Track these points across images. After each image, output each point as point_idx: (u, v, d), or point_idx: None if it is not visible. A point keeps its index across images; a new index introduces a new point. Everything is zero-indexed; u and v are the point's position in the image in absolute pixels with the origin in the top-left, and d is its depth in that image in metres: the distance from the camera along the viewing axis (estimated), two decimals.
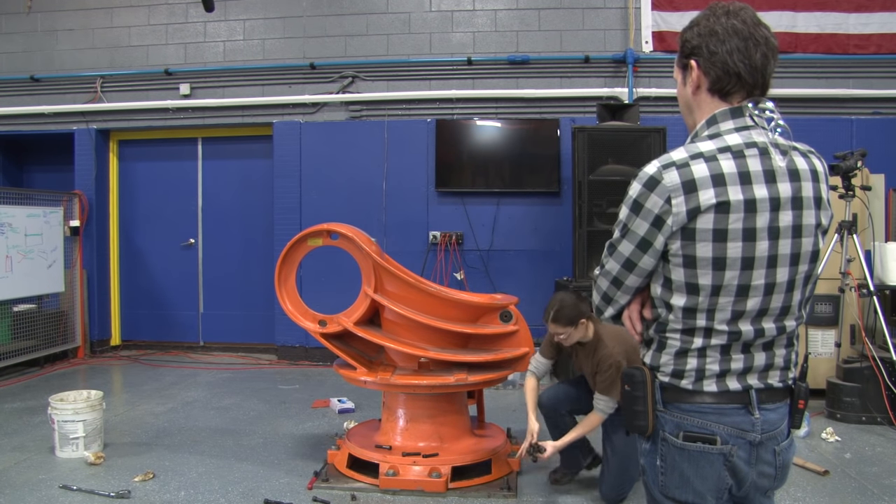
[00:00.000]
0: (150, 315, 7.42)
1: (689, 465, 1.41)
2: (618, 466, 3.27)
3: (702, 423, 1.39)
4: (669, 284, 1.39)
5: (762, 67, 1.37)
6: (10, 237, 5.95)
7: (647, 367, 1.46)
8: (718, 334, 1.38)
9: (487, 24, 6.66)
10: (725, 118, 1.40)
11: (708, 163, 1.33)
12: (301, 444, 4.19)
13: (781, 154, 1.38)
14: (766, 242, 1.35)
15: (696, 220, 1.33)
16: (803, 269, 1.41)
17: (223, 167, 7.35)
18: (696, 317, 1.38)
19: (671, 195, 1.33)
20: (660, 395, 1.43)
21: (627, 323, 1.51)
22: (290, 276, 3.90)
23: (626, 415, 1.48)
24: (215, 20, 6.88)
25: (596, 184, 5.61)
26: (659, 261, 1.40)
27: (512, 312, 3.78)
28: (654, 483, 1.47)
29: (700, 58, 1.40)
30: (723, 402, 1.39)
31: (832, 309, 4.99)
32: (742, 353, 1.40)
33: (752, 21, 1.37)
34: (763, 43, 1.37)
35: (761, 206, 1.33)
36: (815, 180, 1.41)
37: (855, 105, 6.38)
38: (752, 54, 1.36)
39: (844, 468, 3.73)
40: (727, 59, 1.37)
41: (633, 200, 1.39)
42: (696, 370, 1.40)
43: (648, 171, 1.37)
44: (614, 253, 1.45)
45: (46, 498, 3.33)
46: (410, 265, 5.52)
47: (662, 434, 1.43)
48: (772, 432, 1.43)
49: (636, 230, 1.38)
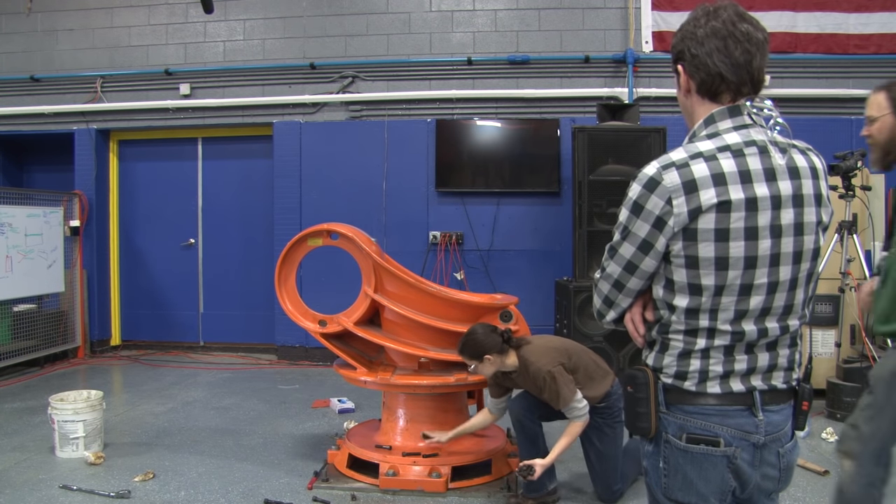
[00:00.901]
0: (150, 315, 7.42)
1: (693, 467, 1.40)
2: (601, 468, 3.26)
3: (705, 425, 1.38)
4: (672, 286, 1.38)
5: (745, 64, 1.36)
6: (10, 237, 5.95)
7: (649, 369, 1.44)
8: (722, 335, 1.37)
9: (487, 24, 6.66)
10: (724, 117, 1.39)
11: (708, 162, 1.33)
12: (301, 444, 4.19)
13: (781, 152, 1.38)
14: (769, 241, 1.34)
15: (698, 220, 1.32)
16: (805, 267, 1.40)
17: (223, 167, 7.35)
18: (699, 317, 1.37)
19: (672, 196, 1.32)
20: (663, 396, 1.42)
21: (630, 326, 1.49)
22: (290, 276, 3.90)
23: (629, 417, 1.46)
24: (215, 20, 6.88)
25: (596, 184, 5.60)
26: (660, 262, 1.38)
27: (512, 312, 3.78)
28: (657, 485, 1.45)
29: (685, 62, 1.41)
30: (726, 404, 1.38)
31: (832, 309, 4.99)
32: (745, 353, 1.39)
33: (731, 19, 1.36)
34: (744, 40, 1.35)
35: (762, 205, 1.33)
36: (814, 177, 1.41)
37: (855, 105, 6.37)
38: (732, 52, 1.35)
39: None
40: (707, 60, 1.37)
41: (632, 202, 1.37)
42: (700, 371, 1.38)
43: (648, 172, 1.36)
44: (615, 256, 1.43)
45: (46, 498, 3.33)
46: (410, 265, 5.52)
47: (665, 436, 1.42)
48: (775, 434, 1.42)
49: (637, 232, 1.37)
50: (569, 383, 3.11)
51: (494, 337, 3.22)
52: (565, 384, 3.09)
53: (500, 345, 3.21)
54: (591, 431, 3.24)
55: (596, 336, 5.49)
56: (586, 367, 3.23)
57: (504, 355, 3.22)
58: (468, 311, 3.82)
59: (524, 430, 3.31)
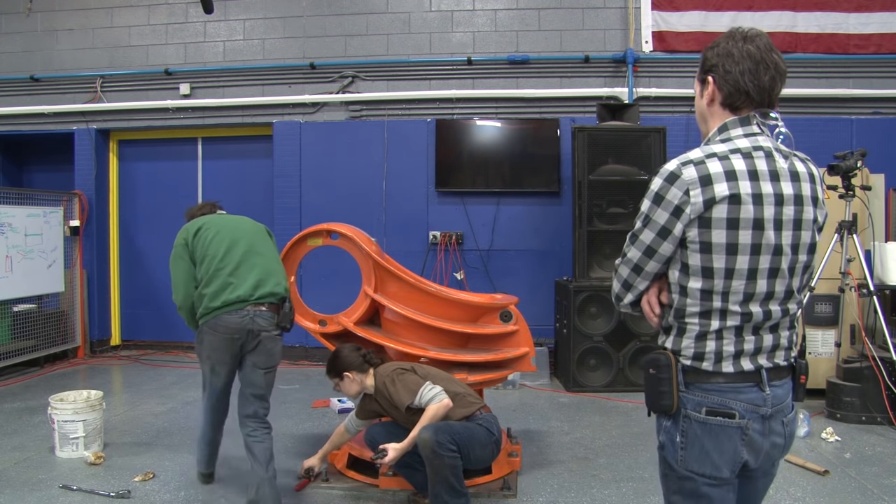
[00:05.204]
0: (150, 315, 7.42)
1: (710, 438, 1.55)
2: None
3: (721, 401, 1.55)
4: (687, 269, 1.56)
5: (769, 88, 1.57)
6: (10, 237, 5.95)
7: (669, 352, 1.60)
8: (733, 315, 1.54)
9: (487, 23, 6.66)
10: (735, 126, 1.58)
11: (721, 161, 1.52)
12: (301, 444, 4.19)
13: (783, 158, 1.57)
14: (772, 232, 1.52)
15: (712, 209, 1.50)
16: (802, 259, 1.59)
17: (223, 167, 7.35)
18: (713, 298, 1.54)
19: (689, 188, 1.50)
20: (682, 377, 1.58)
21: (646, 308, 1.66)
22: (290, 275, 3.89)
23: (651, 396, 1.60)
24: (215, 20, 6.88)
25: (596, 184, 5.61)
26: (677, 247, 1.56)
27: (512, 312, 3.78)
28: (673, 458, 1.60)
29: (716, 75, 1.59)
30: (738, 382, 1.55)
31: (832, 309, 4.99)
32: (752, 334, 1.56)
33: (765, 47, 1.56)
34: (773, 67, 1.56)
35: (767, 200, 1.52)
36: (812, 182, 1.60)
37: (855, 105, 6.38)
38: (761, 76, 1.55)
39: (844, 468, 3.73)
40: (739, 78, 1.56)
41: (654, 193, 1.55)
42: (715, 352, 1.55)
43: (669, 167, 1.54)
44: (636, 241, 1.60)
45: (46, 498, 3.34)
46: (410, 265, 5.53)
47: (685, 412, 1.57)
48: (780, 406, 1.60)
49: (657, 219, 1.55)
50: (411, 381, 3.13)
51: (356, 356, 3.31)
52: (408, 381, 3.13)
53: (360, 363, 3.28)
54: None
55: (596, 336, 5.50)
56: (444, 387, 3.17)
57: (364, 374, 3.29)
58: (468, 311, 3.82)
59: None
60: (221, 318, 3.04)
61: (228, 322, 3.04)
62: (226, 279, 3.08)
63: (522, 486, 3.51)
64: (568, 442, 4.25)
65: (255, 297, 3.09)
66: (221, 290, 3.06)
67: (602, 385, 5.50)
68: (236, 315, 3.05)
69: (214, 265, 3.11)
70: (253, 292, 3.09)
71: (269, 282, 3.15)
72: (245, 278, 3.10)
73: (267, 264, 3.21)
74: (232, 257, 3.13)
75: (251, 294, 3.08)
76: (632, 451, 4.05)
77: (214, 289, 3.07)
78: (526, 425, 4.59)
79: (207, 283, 3.10)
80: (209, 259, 3.13)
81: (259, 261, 3.19)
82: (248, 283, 3.10)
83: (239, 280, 3.09)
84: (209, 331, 3.08)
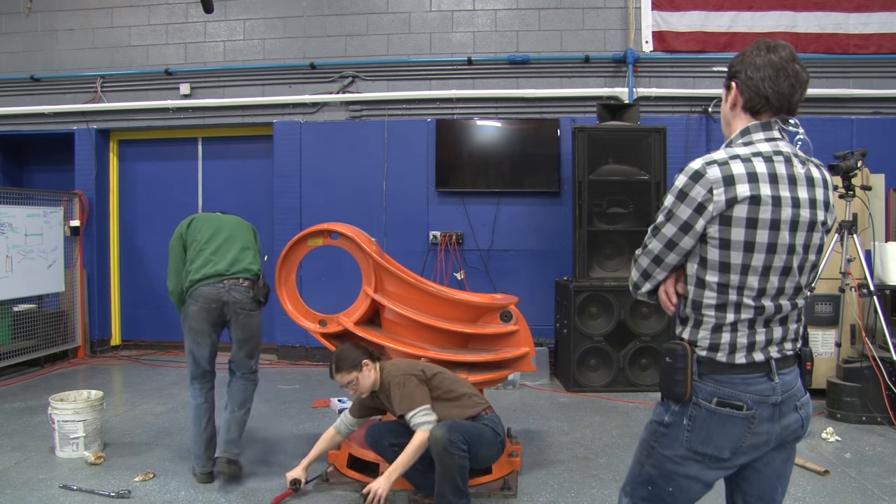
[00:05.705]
0: (150, 315, 7.42)
1: (717, 425, 1.65)
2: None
3: (731, 393, 1.64)
4: (705, 263, 1.65)
5: (788, 95, 1.66)
6: (10, 237, 5.95)
7: (686, 342, 1.68)
8: (747, 308, 1.63)
9: (487, 23, 6.66)
10: (757, 130, 1.68)
11: (744, 163, 1.61)
12: (301, 444, 4.18)
13: (801, 163, 1.67)
14: (787, 233, 1.62)
15: (733, 208, 1.59)
16: (811, 258, 1.70)
17: (223, 167, 7.35)
18: (729, 292, 1.63)
19: (713, 186, 1.59)
20: (696, 367, 1.67)
21: (663, 297, 1.75)
22: (290, 276, 3.90)
23: (666, 384, 1.70)
24: (215, 20, 6.88)
25: (596, 184, 5.61)
26: (696, 242, 1.65)
27: (512, 312, 3.78)
28: (677, 437, 1.71)
29: (739, 80, 1.70)
30: (749, 373, 1.65)
31: (832, 309, 4.99)
32: (764, 327, 1.66)
33: (787, 57, 1.66)
34: (793, 76, 1.65)
35: (785, 203, 1.61)
36: (825, 187, 1.70)
37: (855, 105, 6.38)
38: (780, 84, 1.64)
39: (844, 468, 3.74)
40: (759, 84, 1.65)
41: (679, 190, 1.64)
42: (730, 344, 1.64)
43: (693, 166, 1.63)
44: (658, 234, 1.69)
45: (46, 498, 3.34)
46: (410, 265, 5.52)
47: (696, 399, 1.67)
48: (790, 391, 1.70)
49: (680, 215, 1.64)
50: (416, 392, 3.10)
51: (362, 346, 3.33)
52: (413, 391, 3.09)
53: (370, 353, 3.28)
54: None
55: (596, 336, 5.50)
56: (448, 390, 3.20)
57: (376, 366, 3.27)
58: (468, 311, 3.82)
59: (384, 455, 3.28)
60: (201, 289, 3.55)
61: (207, 293, 3.54)
62: (207, 257, 3.62)
63: (522, 486, 3.51)
64: (568, 442, 4.25)
65: (231, 272, 3.60)
66: (203, 265, 3.60)
67: (602, 385, 5.50)
68: (214, 287, 3.55)
69: (198, 247, 3.66)
70: (229, 268, 3.61)
71: (244, 260, 3.68)
72: (224, 257, 3.64)
73: (243, 248, 3.73)
74: (214, 242, 3.67)
75: (227, 269, 3.60)
76: (632, 451, 4.01)
77: (197, 265, 3.61)
78: (526, 425, 4.59)
79: (192, 261, 3.65)
80: (196, 244, 3.68)
81: (237, 245, 3.72)
82: (226, 260, 3.63)
83: (218, 258, 3.63)
84: (192, 302, 3.56)
